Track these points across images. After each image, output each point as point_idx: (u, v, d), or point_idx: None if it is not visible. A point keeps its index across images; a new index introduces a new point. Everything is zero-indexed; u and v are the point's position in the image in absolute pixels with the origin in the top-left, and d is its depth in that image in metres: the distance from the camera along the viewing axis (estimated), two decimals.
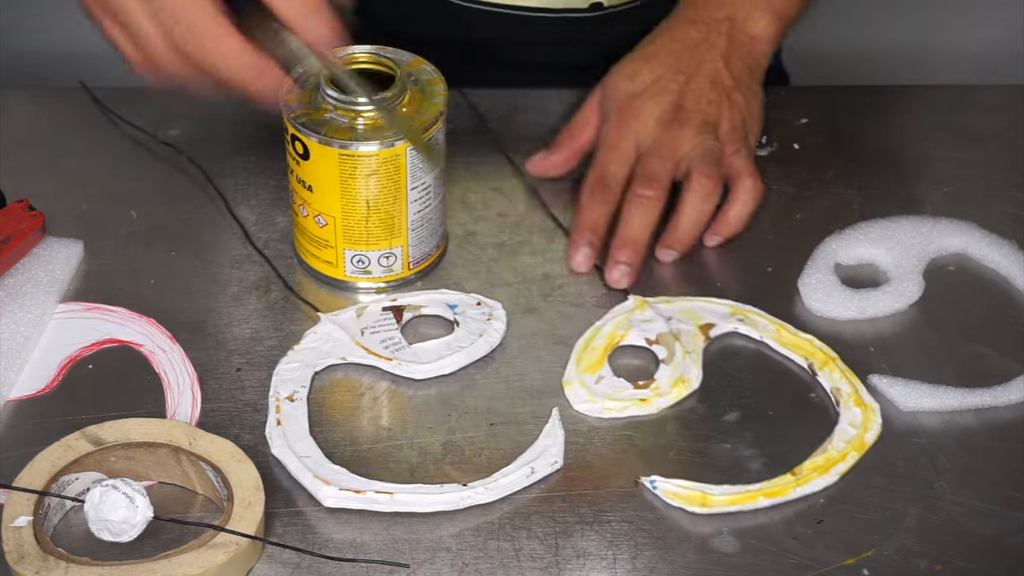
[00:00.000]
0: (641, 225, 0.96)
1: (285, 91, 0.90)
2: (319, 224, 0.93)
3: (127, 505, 0.77)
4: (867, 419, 0.87)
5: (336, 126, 0.89)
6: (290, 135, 0.90)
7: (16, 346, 0.90)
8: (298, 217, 0.94)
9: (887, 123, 1.10)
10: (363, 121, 0.89)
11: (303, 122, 0.89)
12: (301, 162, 0.91)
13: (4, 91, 1.12)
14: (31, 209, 0.96)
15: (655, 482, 0.83)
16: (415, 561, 0.80)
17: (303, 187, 0.92)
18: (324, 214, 0.92)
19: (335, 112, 0.89)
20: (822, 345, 0.91)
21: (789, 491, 0.83)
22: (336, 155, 0.89)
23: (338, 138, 0.89)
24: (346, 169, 0.89)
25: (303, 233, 0.95)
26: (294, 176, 0.92)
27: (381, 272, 0.94)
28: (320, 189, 0.91)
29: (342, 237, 0.93)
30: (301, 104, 0.90)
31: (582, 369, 0.90)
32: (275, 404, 0.87)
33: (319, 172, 0.90)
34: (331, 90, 0.89)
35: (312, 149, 0.89)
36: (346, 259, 0.94)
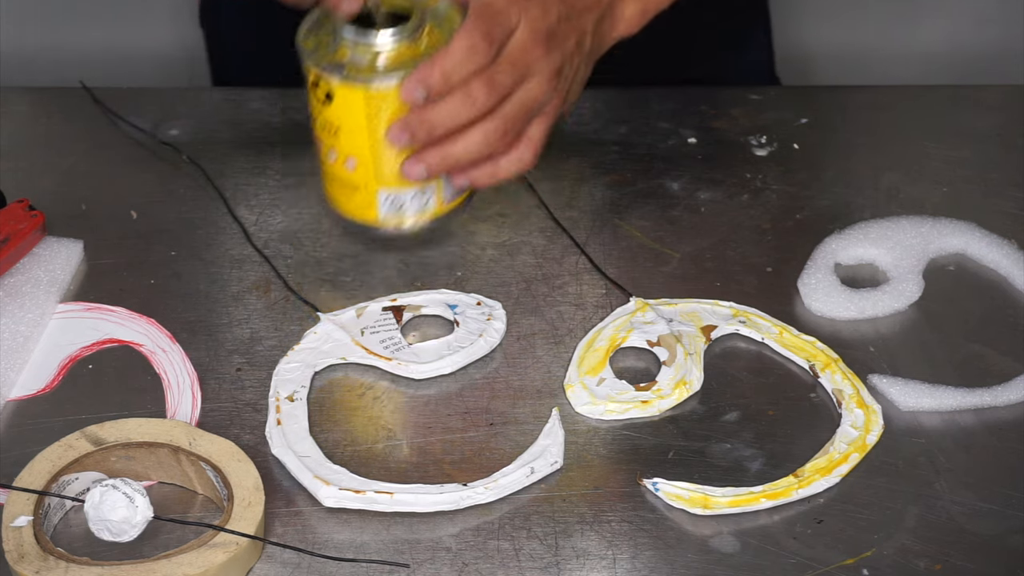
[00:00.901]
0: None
1: (302, 37, 0.89)
2: (349, 168, 0.91)
3: (127, 505, 0.77)
4: (869, 420, 0.87)
5: (358, 65, 0.88)
6: (312, 80, 0.89)
7: (16, 346, 0.90)
8: (326, 165, 0.93)
9: (887, 123, 1.10)
10: (384, 58, 0.88)
11: (324, 65, 0.88)
12: (325, 106, 0.89)
13: (4, 91, 1.12)
14: (31, 209, 0.96)
15: (657, 484, 0.83)
16: (415, 561, 0.80)
17: (329, 132, 0.90)
18: (354, 156, 0.91)
19: (355, 52, 0.88)
20: (824, 347, 0.91)
21: (791, 492, 0.83)
22: (361, 93, 0.88)
23: (362, 76, 0.88)
24: (372, 107, 0.88)
25: (333, 181, 0.93)
26: (319, 123, 0.91)
27: (416, 210, 0.93)
28: (347, 131, 0.90)
29: (374, 178, 0.91)
30: (319, 48, 0.89)
31: (584, 371, 0.90)
32: (275, 404, 0.87)
33: (345, 113, 0.89)
34: (348, 29, 0.88)
35: (336, 91, 0.88)
36: (380, 201, 0.92)
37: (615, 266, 0.97)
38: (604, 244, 0.99)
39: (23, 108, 1.11)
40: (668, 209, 1.02)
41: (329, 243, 0.99)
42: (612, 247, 0.99)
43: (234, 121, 1.09)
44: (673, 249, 0.99)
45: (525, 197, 1.02)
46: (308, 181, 1.04)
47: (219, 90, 1.17)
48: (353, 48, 0.88)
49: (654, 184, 1.04)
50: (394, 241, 0.99)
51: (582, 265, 0.98)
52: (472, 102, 0.89)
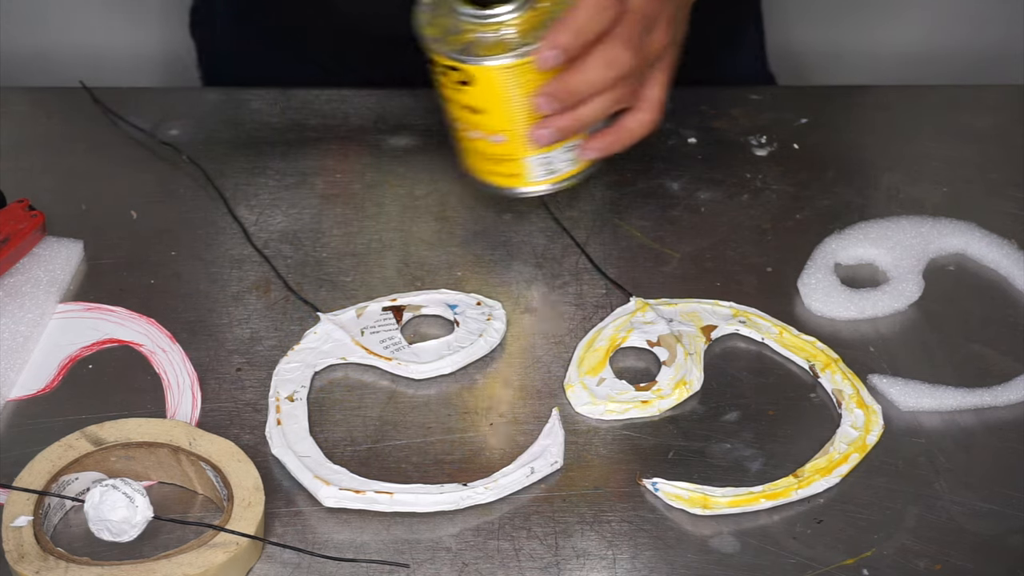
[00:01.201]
0: None
1: (422, 26, 0.90)
2: (495, 142, 0.91)
3: (127, 505, 0.77)
4: (869, 421, 0.87)
5: (487, 43, 0.88)
6: (443, 68, 0.89)
7: (16, 346, 0.90)
8: (467, 142, 0.93)
9: (887, 123, 1.10)
10: (512, 30, 0.88)
11: (455, 51, 0.88)
12: (464, 90, 0.89)
13: (4, 91, 1.12)
14: (31, 209, 0.96)
15: (656, 484, 0.83)
16: (415, 561, 0.80)
17: (470, 112, 0.91)
18: (499, 131, 0.91)
19: (481, 31, 0.88)
20: (824, 347, 0.91)
21: (791, 493, 0.83)
22: (498, 71, 0.88)
23: (495, 54, 0.88)
24: (510, 82, 0.88)
25: (477, 155, 0.94)
26: (456, 105, 0.91)
27: (566, 166, 0.94)
28: (490, 109, 0.90)
29: (522, 147, 0.91)
30: (443, 34, 0.89)
31: (584, 371, 0.90)
32: (275, 404, 0.87)
33: (485, 93, 0.89)
34: (467, 9, 0.88)
35: (474, 73, 0.88)
36: (530, 166, 0.93)
37: (615, 266, 0.97)
38: (604, 244, 0.99)
39: (23, 108, 1.11)
40: (668, 209, 1.02)
41: (329, 243, 0.99)
42: (612, 247, 0.99)
43: (234, 121, 1.09)
44: (673, 249, 0.99)
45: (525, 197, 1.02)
46: (308, 181, 1.04)
47: (219, 90, 1.17)
48: (478, 27, 0.88)
49: (654, 184, 1.04)
50: (395, 241, 0.99)
51: (582, 265, 0.98)
52: (614, 63, 0.89)
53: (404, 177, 1.05)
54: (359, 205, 1.02)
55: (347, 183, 1.04)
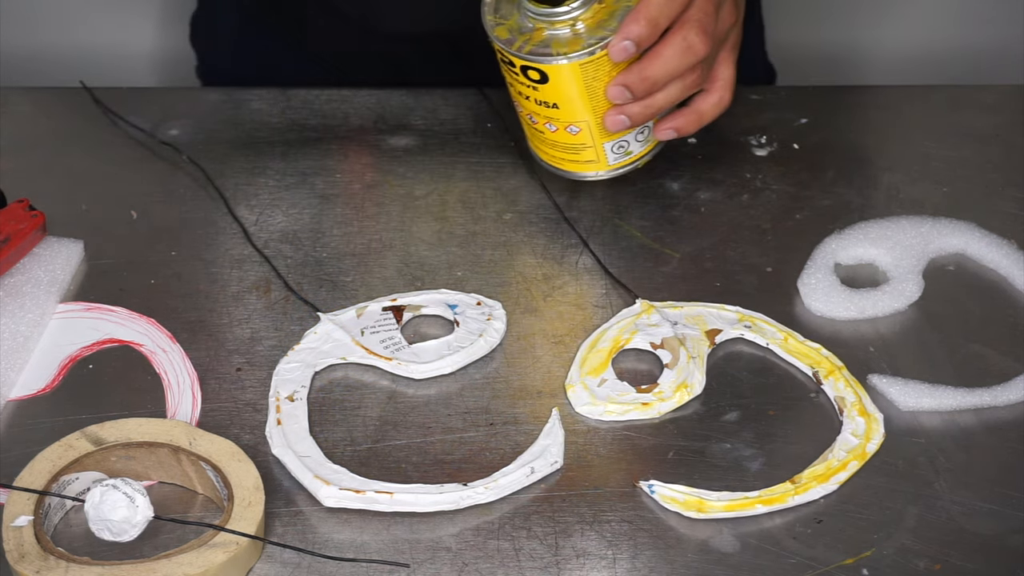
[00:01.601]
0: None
1: (491, 27, 0.91)
2: (572, 133, 0.93)
3: (127, 505, 0.77)
4: (870, 429, 0.87)
5: (563, 40, 0.89)
6: (519, 67, 0.90)
7: (16, 346, 0.90)
8: (543, 135, 0.95)
9: (887, 123, 1.10)
10: (583, 25, 0.89)
11: (529, 51, 0.89)
12: (539, 87, 0.90)
13: (4, 91, 1.12)
14: (31, 209, 0.96)
15: (653, 486, 0.83)
16: (415, 561, 0.80)
17: (546, 107, 0.92)
18: (576, 122, 0.92)
19: (553, 27, 0.89)
20: (828, 354, 0.91)
21: (787, 499, 0.83)
22: (577, 67, 0.89)
23: (572, 52, 0.88)
24: (587, 75, 0.89)
25: (554, 146, 0.95)
26: (531, 101, 0.92)
27: (640, 147, 0.95)
28: (566, 102, 0.91)
29: (599, 133, 0.93)
30: (513, 34, 0.90)
31: (585, 371, 0.90)
32: (275, 404, 0.87)
33: (562, 88, 0.90)
34: (538, 8, 0.89)
35: (550, 71, 0.89)
36: (607, 152, 0.94)
37: (615, 266, 0.97)
38: (604, 244, 0.99)
39: (23, 108, 1.11)
40: (668, 209, 1.02)
41: (329, 243, 0.99)
42: (612, 247, 0.99)
43: (234, 121, 1.09)
44: (673, 249, 0.99)
45: (525, 197, 1.03)
46: (308, 181, 1.04)
47: (219, 90, 1.16)
48: (549, 24, 0.89)
49: (654, 184, 1.04)
50: (395, 241, 0.99)
51: (582, 265, 0.98)
52: (690, 49, 0.89)
53: (404, 177, 1.05)
54: (359, 205, 1.02)
55: (347, 183, 1.04)
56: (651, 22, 0.88)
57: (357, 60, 1.18)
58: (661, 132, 0.94)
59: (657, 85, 0.90)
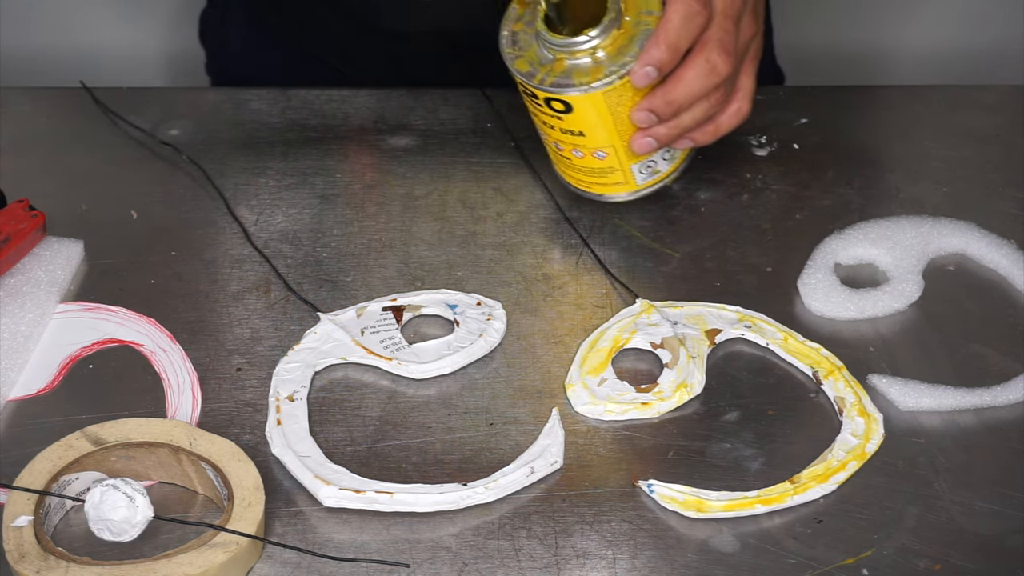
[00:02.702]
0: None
1: (511, 61, 0.90)
2: (599, 158, 0.93)
3: (127, 505, 0.77)
4: (869, 429, 0.87)
5: (584, 69, 0.89)
6: (543, 99, 0.90)
7: (16, 346, 0.90)
8: (571, 160, 0.95)
9: (887, 123, 1.10)
10: (604, 53, 0.89)
11: (552, 83, 0.89)
12: (564, 117, 0.91)
13: (4, 91, 1.12)
14: (31, 209, 0.96)
15: (652, 486, 0.83)
16: (415, 561, 0.80)
17: (572, 135, 0.92)
18: (602, 148, 0.92)
19: (573, 57, 0.89)
20: (828, 354, 0.91)
21: (786, 499, 0.83)
22: (600, 96, 0.89)
23: (595, 80, 0.88)
24: (612, 102, 0.89)
25: (581, 171, 0.95)
26: (556, 131, 0.92)
27: (667, 164, 0.96)
28: (592, 130, 0.91)
29: (625, 156, 0.93)
30: (534, 66, 0.90)
31: (585, 371, 0.90)
32: (275, 404, 0.87)
33: (587, 116, 0.90)
34: (557, 39, 0.89)
35: (574, 101, 0.89)
36: (635, 173, 0.95)
37: (615, 266, 0.97)
38: (604, 244, 0.99)
39: (23, 108, 1.11)
40: (668, 209, 1.02)
41: (329, 243, 0.99)
42: (612, 247, 0.99)
43: (234, 121, 1.09)
44: (673, 249, 0.99)
45: (525, 197, 1.03)
46: (308, 181, 1.04)
47: (219, 90, 1.17)
48: (570, 55, 0.89)
49: None
50: (395, 241, 0.99)
51: (582, 265, 0.98)
52: (713, 70, 0.90)
53: (404, 177, 1.05)
54: (359, 205, 1.02)
55: (347, 183, 1.04)
56: (672, 46, 0.88)
57: (357, 60, 1.18)
58: (678, 143, 0.95)
59: (682, 107, 0.90)
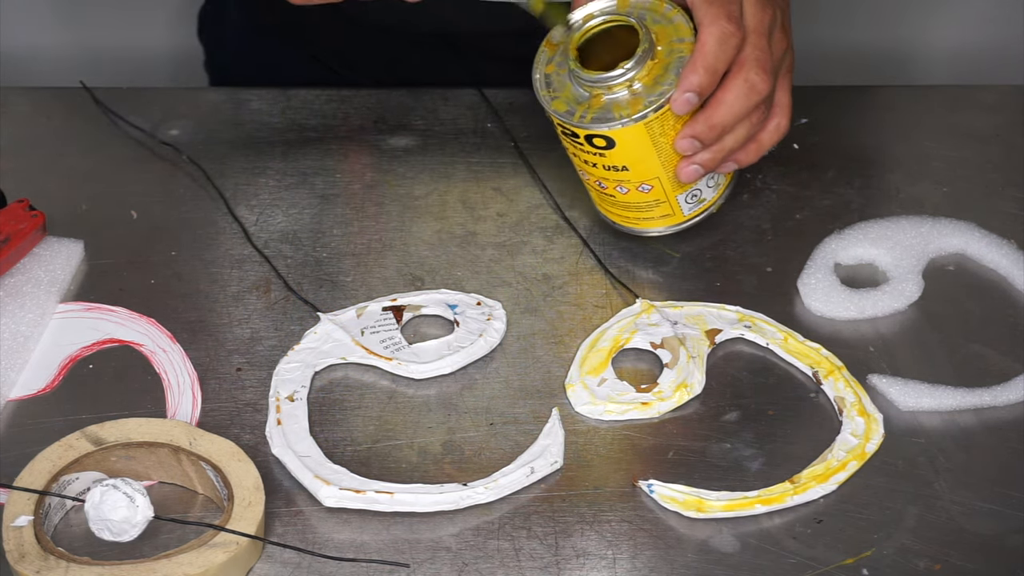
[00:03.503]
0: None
1: (548, 103, 0.90)
2: (644, 191, 0.93)
3: (127, 505, 0.77)
4: (869, 429, 0.87)
5: (623, 103, 0.89)
6: (584, 137, 0.90)
7: (16, 346, 0.90)
8: (616, 198, 0.94)
9: (887, 123, 1.10)
10: (639, 84, 0.89)
11: (592, 119, 0.89)
12: (606, 153, 0.90)
13: (4, 91, 1.12)
14: (31, 209, 0.96)
15: (652, 486, 0.83)
16: (415, 561, 0.80)
17: (615, 171, 0.91)
18: (647, 181, 0.92)
19: (611, 92, 0.89)
20: (828, 354, 0.91)
21: (786, 499, 0.83)
22: (642, 127, 0.89)
23: (635, 112, 0.88)
24: (654, 132, 0.89)
25: (627, 207, 0.95)
26: (599, 168, 0.92)
27: (712, 192, 0.95)
28: (636, 163, 0.91)
29: (671, 187, 0.93)
30: (571, 106, 0.90)
31: (585, 371, 0.90)
32: (275, 404, 0.87)
33: (630, 150, 0.90)
34: (592, 75, 0.89)
35: (616, 135, 0.89)
36: (680, 203, 0.94)
37: (615, 266, 0.97)
38: (604, 244, 0.99)
39: (23, 108, 1.11)
40: None
41: (329, 243, 0.99)
42: (612, 247, 0.99)
43: (234, 121, 1.09)
44: (673, 249, 0.99)
45: (525, 196, 1.03)
46: (308, 181, 1.04)
47: (219, 90, 1.17)
48: (607, 90, 0.89)
49: None
50: (395, 241, 0.99)
51: (582, 265, 0.98)
52: (753, 89, 0.89)
53: (404, 177, 1.05)
54: (359, 205, 1.02)
55: (347, 183, 1.04)
56: (709, 70, 0.88)
57: (356, 60, 1.18)
58: (723, 167, 0.94)
59: (725, 130, 0.90)
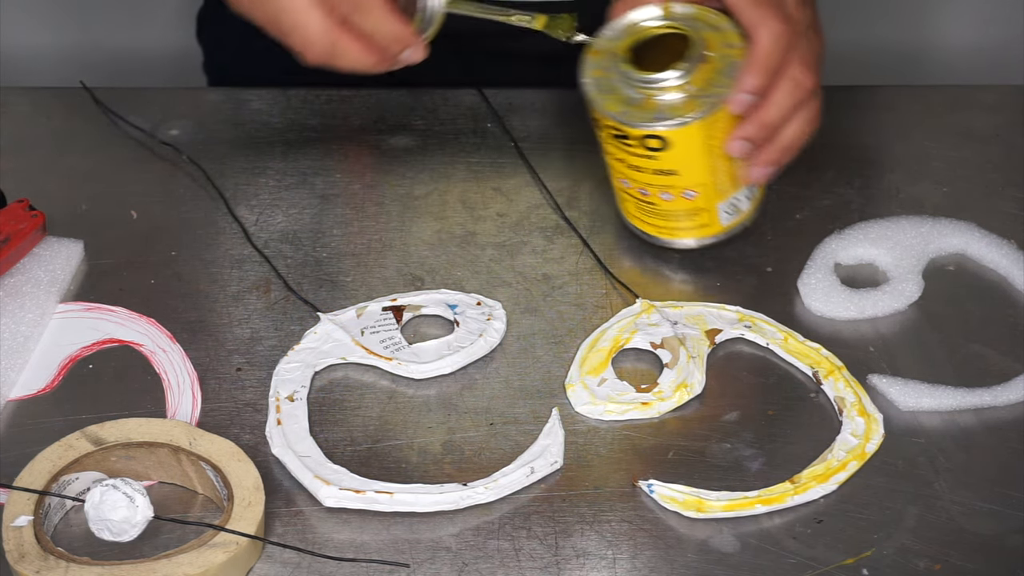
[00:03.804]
0: None
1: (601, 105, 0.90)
2: (688, 198, 0.93)
3: (127, 505, 0.77)
4: (869, 429, 0.87)
5: (678, 104, 0.89)
6: (637, 138, 0.90)
7: (16, 346, 0.90)
8: (657, 206, 0.94)
9: (886, 123, 1.10)
10: (694, 87, 0.89)
11: (647, 120, 0.89)
12: (658, 155, 0.90)
13: (4, 91, 1.12)
14: (31, 209, 0.96)
15: (652, 486, 0.83)
16: (415, 561, 0.80)
17: (663, 175, 0.91)
18: (693, 187, 0.92)
19: (665, 94, 0.89)
20: (828, 354, 0.91)
21: (786, 499, 0.83)
22: (698, 128, 0.89)
23: (692, 112, 0.89)
24: (707, 134, 0.90)
25: (667, 216, 0.95)
26: (646, 172, 0.92)
27: (748, 203, 0.96)
28: (686, 166, 0.91)
29: (714, 194, 0.93)
30: (627, 106, 0.90)
31: (585, 371, 0.90)
32: (275, 404, 0.87)
33: (683, 151, 0.90)
34: (648, 76, 0.89)
35: (672, 136, 0.89)
36: (719, 213, 0.94)
37: (615, 266, 0.97)
38: (604, 244, 0.99)
39: (23, 108, 1.11)
40: None
41: (329, 243, 0.99)
42: (612, 247, 0.99)
43: (234, 121, 1.09)
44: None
45: (525, 196, 1.03)
46: (308, 181, 1.04)
47: (219, 90, 1.17)
48: (661, 91, 0.89)
49: None
50: (395, 241, 0.99)
51: (582, 265, 0.98)
52: (799, 86, 0.90)
53: (404, 177, 1.05)
54: (359, 205, 1.02)
55: (347, 183, 1.04)
56: (768, 70, 0.88)
57: None
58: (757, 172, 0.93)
59: (776, 127, 0.91)
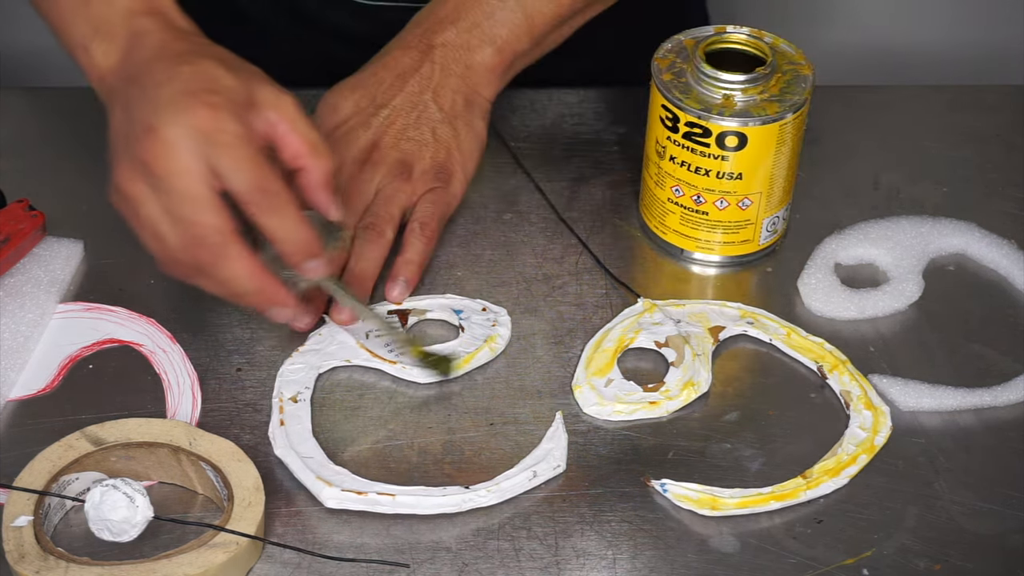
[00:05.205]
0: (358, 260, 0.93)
1: (683, 101, 0.91)
2: (742, 208, 0.94)
3: (127, 505, 0.77)
4: (877, 422, 0.87)
5: (759, 104, 0.91)
6: (717, 135, 0.91)
7: (16, 346, 0.90)
8: (708, 215, 0.95)
9: (887, 123, 1.10)
10: (770, 93, 0.91)
11: (728, 116, 0.90)
12: (730, 155, 0.91)
13: (4, 91, 1.12)
14: (31, 209, 0.96)
15: (665, 485, 0.83)
16: (415, 561, 0.80)
17: (726, 180, 0.92)
18: (751, 194, 0.93)
19: (746, 95, 0.91)
20: (832, 348, 0.91)
21: (799, 494, 0.83)
22: (777, 129, 0.90)
23: (775, 113, 0.90)
24: (782, 136, 0.91)
25: (713, 229, 0.95)
26: (710, 176, 0.93)
27: (782, 224, 0.97)
28: (753, 170, 0.92)
29: (764, 207, 0.94)
30: (704, 103, 0.91)
31: (591, 372, 0.90)
32: (278, 405, 0.87)
33: (756, 153, 0.91)
34: (734, 76, 0.90)
35: (754, 134, 0.90)
36: (763, 228, 0.96)
37: (615, 266, 0.97)
38: (604, 244, 0.99)
39: (23, 108, 1.11)
40: None
41: None
42: (612, 247, 0.99)
43: None
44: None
45: (525, 197, 1.02)
46: None
47: None
48: (743, 92, 0.91)
49: None
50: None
51: (582, 265, 0.98)
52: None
53: None
54: None
55: None
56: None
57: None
58: (389, 288, 0.93)
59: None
